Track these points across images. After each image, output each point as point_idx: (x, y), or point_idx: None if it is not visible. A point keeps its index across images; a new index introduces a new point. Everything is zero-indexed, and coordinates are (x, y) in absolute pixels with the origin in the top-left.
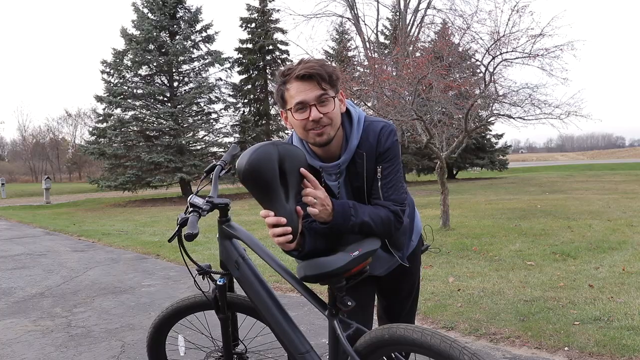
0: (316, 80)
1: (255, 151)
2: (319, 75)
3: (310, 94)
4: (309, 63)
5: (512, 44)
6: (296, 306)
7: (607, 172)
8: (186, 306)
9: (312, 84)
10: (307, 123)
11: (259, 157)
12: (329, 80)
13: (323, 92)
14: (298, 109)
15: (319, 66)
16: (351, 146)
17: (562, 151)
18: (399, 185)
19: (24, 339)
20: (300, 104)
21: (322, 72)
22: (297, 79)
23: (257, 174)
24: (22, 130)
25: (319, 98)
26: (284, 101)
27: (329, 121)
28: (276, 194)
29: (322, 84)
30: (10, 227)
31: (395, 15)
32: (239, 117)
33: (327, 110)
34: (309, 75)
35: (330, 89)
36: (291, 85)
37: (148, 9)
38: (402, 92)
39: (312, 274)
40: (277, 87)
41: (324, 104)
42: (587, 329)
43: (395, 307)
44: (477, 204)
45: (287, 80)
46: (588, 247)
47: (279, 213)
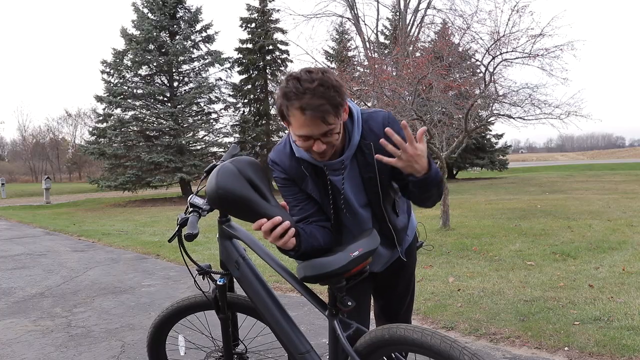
0: (320, 119)
1: (217, 174)
2: (323, 113)
3: (315, 130)
4: (314, 94)
5: (512, 44)
6: (296, 306)
7: (607, 172)
8: (186, 306)
9: (316, 122)
10: (310, 149)
11: (224, 177)
12: (335, 111)
13: (328, 129)
14: (302, 139)
15: (326, 100)
16: (353, 142)
17: (562, 151)
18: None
19: (24, 339)
20: (305, 137)
21: (329, 109)
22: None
23: (230, 192)
24: (22, 130)
25: (324, 133)
26: (286, 119)
27: (332, 147)
28: (257, 201)
29: (329, 120)
30: (10, 227)
31: (395, 15)
32: (239, 117)
33: (331, 140)
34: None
35: (336, 120)
36: (295, 113)
37: (148, 9)
38: (402, 92)
39: (312, 274)
40: (280, 101)
41: (329, 136)
42: (587, 329)
43: (392, 305)
44: (477, 204)
45: (290, 105)
46: (588, 247)
47: (270, 215)
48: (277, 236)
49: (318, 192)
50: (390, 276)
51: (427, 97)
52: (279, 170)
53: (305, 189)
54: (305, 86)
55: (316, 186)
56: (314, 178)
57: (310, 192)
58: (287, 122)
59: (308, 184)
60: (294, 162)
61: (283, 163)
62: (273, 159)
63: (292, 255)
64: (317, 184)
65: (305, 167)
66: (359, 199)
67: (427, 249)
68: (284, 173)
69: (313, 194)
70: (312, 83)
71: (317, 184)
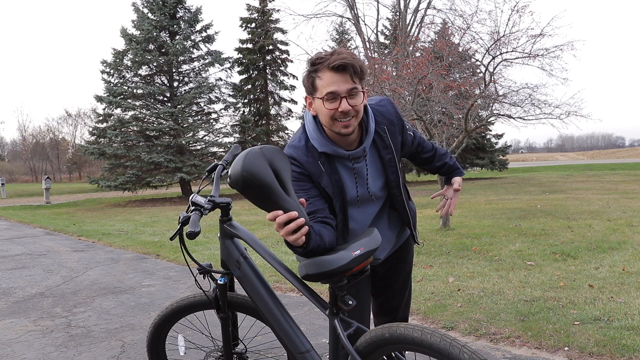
0: (349, 73)
1: (246, 157)
2: (352, 67)
3: (342, 86)
4: (343, 54)
5: (512, 44)
6: (296, 306)
7: (607, 172)
8: (186, 305)
9: (345, 76)
10: (335, 113)
11: (251, 161)
12: (360, 73)
13: (354, 86)
14: (329, 98)
15: (352, 58)
16: (370, 130)
17: (562, 151)
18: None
19: (24, 339)
20: (332, 94)
21: (356, 65)
22: (332, 69)
23: (255, 177)
24: (22, 130)
25: (350, 91)
26: (314, 88)
27: (355, 113)
28: (278, 191)
29: (354, 78)
30: (10, 227)
31: (395, 15)
32: (239, 117)
33: (355, 103)
34: (343, 66)
35: (359, 83)
36: (324, 74)
37: (148, 9)
38: (402, 92)
39: (314, 273)
40: (308, 73)
41: (354, 97)
42: (587, 329)
43: (391, 301)
44: (477, 204)
45: (320, 68)
46: (588, 247)
47: (288, 208)
48: (290, 231)
49: (331, 187)
50: (389, 271)
51: (427, 97)
52: (295, 165)
53: (320, 183)
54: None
55: (330, 181)
56: (329, 173)
57: (324, 186)
58: (312, 94)
59: (323, 179)
60: (311, 158)
61: (300, 158)
62: (290, 154)
63: (299, 252)
64: (331, 178)
65: (322, 162)
66: (376, 184)
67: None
68: (300, 168)
69: (327, 188)
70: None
71: (332, 178)
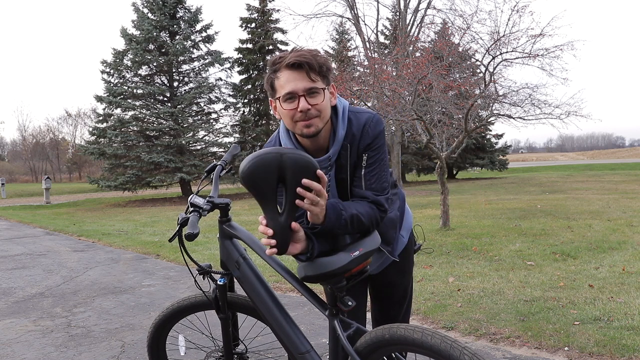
0: (305, 70)
1: (254, 159)
2: (309, 64)
3: (299, 85)
4: (300, 52)
5: (512, 44)
6: (296, 306)
7: (607, 172)
8: (187, 306)
9: (302, 74)
10: (295, 113)
11: (256, 165)
12: (319, 70)
13: (312, 85)
14: (287, 98)
15: (310, 55)
16: (339, 137)
17: (562, 151)
18: (382, 174)
19: (24, 339)
20: (289, 94)
21: (313, 62)
22: (288, 67)
23: (252, 182)
24: (22, 130)
25: (309, 90)
26: (274, 90)
27: (318, 113)
28: (268, 204)
29: (312, 75)
30: (10, 227)
31: (395, 15)
32: (239, 117)
33: (315, 102)
34: (299, 64)
35: (320, 81)
36: (281, 74)
37: (148, 9)
38: (402, 92)
39: (313, 274)
40: (268, 75)
41: (313, 96)
42: (587, 329)
43: (389, 312)
44: (477, 204)
45: (278, 68)
46: (588, 247)
47: (268, 223)
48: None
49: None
50: (387, 282)
51: (427, 97)
52: None
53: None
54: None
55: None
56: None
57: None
58: (274, 96)
59: None
60: None
61: None
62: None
63: (303, 260)
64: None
65: None
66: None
67: (427, 251)
68: None
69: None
70: (298, 51)
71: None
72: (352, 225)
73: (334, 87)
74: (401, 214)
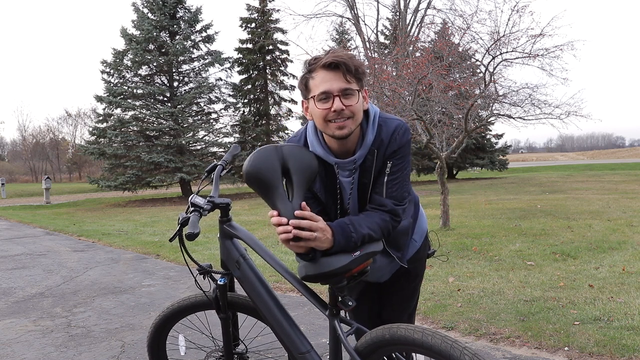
0: (342, 71)
1: (257, 153)
2: (345, 65)
3: (335, 85)
4: (337, 53)
5: (512, 44)
6: (296, 306)
7: (607, 172)
8: (187, 306)
9: (338, 75)
10: (328, 113)
11: (259, 158)
12: (354, 73)
13: (348, 86)
14: (321, 98)
15: (347, 57)
16: (367, 142)
17: (562, 151)
18: (404, 184)
19: (24, 339)
20: (324, 94)
21: (349, 64)
22: (324, 67)
23: (259, 174)
24: (22, 130)
25: (344, 90)
26: (308, 89)
27: (351, 114)
28: (278, 193)
29: (348, 76)
30: (10, 227)
31: (395, 15)
32: (239, 117)
33: (350, 103)
34: (335, 64)
35: (355, 83)
36: (317, 74)
37: (148, 9)
38: (402, 92)
39: (313, 274)
40: (302, 75)
41: (348, 97)
42: (587, 329)
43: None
44: (477, 204)
45: (313, 68)
46: (588, 247)
47: (281, 212)
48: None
49: (324, 193)
50: (395, 285)
51: (427, 97)
52: None
53: (312, 187)
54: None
55: (323, 186)
56: (322, 178)
57: (316, 191)
58: (307, 96)
59: (316, 183)
60: None
61: None
62: None
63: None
64: (325, 184)
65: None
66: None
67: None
68: None
69: (319, 193)
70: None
71: (325, 184)
72: (362, 244)
73: (367, 92)
74: (415, 219)
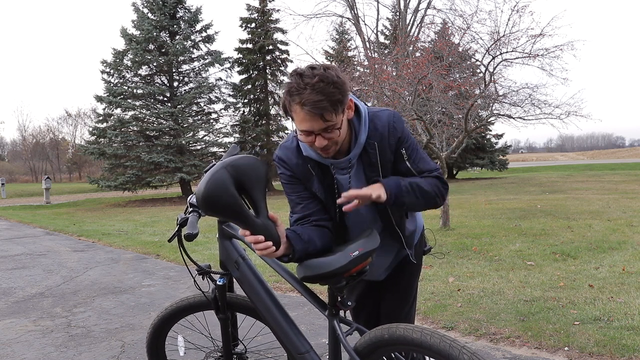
0: (319, 116)
1: (209, 179)
2: (323, 110)
3: (315, 126)
4: (314, 92)
5: (512, 44)
6: (296, 306)
7: (607, 172)
8: (186, 306)
9: (315, 118)
10: (312, 144)
11: (213, 184)
12: (334, 109)
13: (327, 125)
14: (303, 133)
15: (325, 98)
16: (360, 141)
17: (562, 151)
18: (425, 158)
19: (24, 339)
20: (306, 132)
21: (327, 107)
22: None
23: (217, 200)
24: (22, 130)
25: (325, 129)
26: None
27: (334, 143)
28: (243, 214)
29: (327, 117)
30: (10, 227)
31: (395, 15)
32: (239, 117)
33: (332, 136)
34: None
35: (335, 117)
36: (296, 109)
37: (148, 9)
38: (402, 92)
39: (312, 274)
40: (284, 96)
41: (330, 132)
42: (587, 329)
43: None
44: (477, 204)
45: (293, 101)
46: (588, 247)
47: (254, 231)
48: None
49: (323, 192)
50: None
51: (427, 97)
52: (285, 168)
53: (311, 188)
54: (306, 82)
55: (322, 185)
56: (320, 177)
57: (315, 191)
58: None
59: (314, 184)
60: (301, 160)
61: (290, 160)
62: (280, 156)
63: (286, 261)
64: (322, 183)
65: (312, 166)
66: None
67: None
68: (290, 171)
69: (318, 193)
70: (312, 79)
71: (323, 183)
72: (414, 192)
73: (351, 101)
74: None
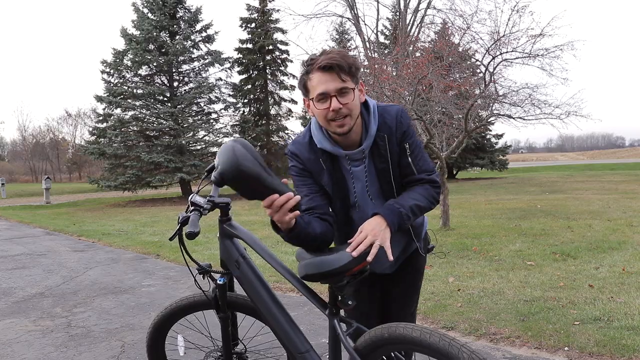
0: (336, 72)
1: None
2: (339, 66)
3: (331, 85)
4: (330, 54)
5: (512, 44)
6: (296, 306)
7: (607, 172)
8: (186, 306)
9: (333, 75)
10: (328, 113)
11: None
12: (349, 71)
13: (343, 85)
14: (320, 99)
15: (340, 57)
16: (371, 132)
17: (562, 151)
18: (425, 157)
19: (24, 339)
20: (322, 95)
21: (343, 64)
22: (319, 69)
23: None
24: (22, 130)
25: (340, 90)
26: (307, 90)
27: (348, 111)
28: (269, 177)
29: (342, 76)
30: (10, 227)
31: (395, 15)
32: (239, 117)
33: (346, 101)
34: (330, 66)
35: (350, 80)
36: (313, 76)
37: (148, 9)
38: (402, 92)
39: (313, 273)
40: (300, 76)
41: (344, 95)
42: (587, 329)
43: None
44: (477, 204)
45: (310, 70)
46: (588, 247)
47: (282, 190)
48: (287, 210)
49: (332, 186)
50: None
51: (427, 97)
52: (297, 161)
53: (320, 181)
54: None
55: (331, 180)
56: (330, 171)
57: (324, 184)
58: (308, 96)
59: (324, 177)
60: (312, 155)
61: (302, 154)
62: (292, 150)
63: (284, 236)
64: (332, 177)
65: (324, 159)
66: (372, 190)
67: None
68: (302, 164)
69: (327, 187)
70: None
71: (333, 177)
72: (415, 214)
73: (362, 85)
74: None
